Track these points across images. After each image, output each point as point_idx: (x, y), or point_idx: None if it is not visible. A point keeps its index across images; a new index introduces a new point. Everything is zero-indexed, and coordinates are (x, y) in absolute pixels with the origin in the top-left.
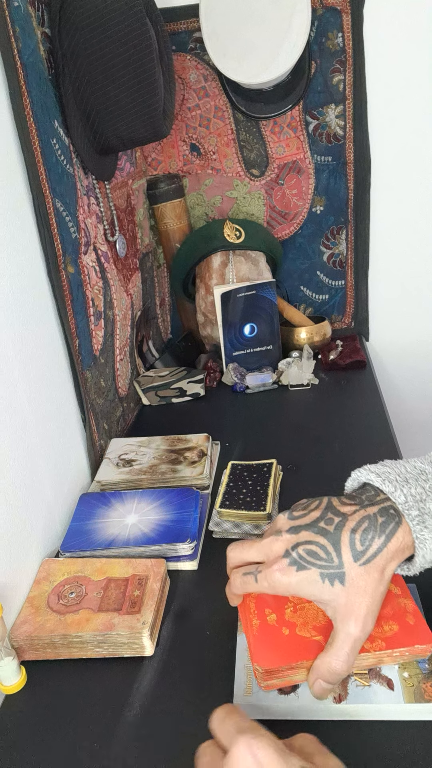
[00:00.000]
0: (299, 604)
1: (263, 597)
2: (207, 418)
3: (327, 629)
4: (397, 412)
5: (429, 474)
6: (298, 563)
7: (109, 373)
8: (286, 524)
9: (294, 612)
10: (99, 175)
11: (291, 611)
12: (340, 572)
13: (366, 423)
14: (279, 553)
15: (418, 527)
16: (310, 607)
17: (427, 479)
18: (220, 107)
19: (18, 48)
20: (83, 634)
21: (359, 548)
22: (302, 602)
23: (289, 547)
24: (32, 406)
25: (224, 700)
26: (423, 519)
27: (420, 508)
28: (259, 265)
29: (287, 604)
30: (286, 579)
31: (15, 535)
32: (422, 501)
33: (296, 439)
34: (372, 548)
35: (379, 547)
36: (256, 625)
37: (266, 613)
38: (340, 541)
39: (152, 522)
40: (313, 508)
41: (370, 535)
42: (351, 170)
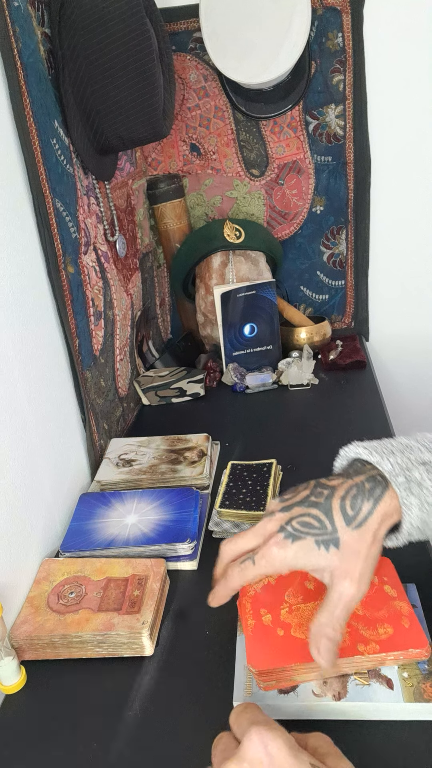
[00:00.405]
0: (295, 605)
1: (259, 597)
2: (207, 418)
3: None
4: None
5: (414, 448)
6: (293, 535)
7: (109, 373)
8: (277, 506)
9: (289, 613)
10: (99, 175)
11: (286, 612)
12: (334, 537)
13: (366, 423)
14: (274, 530)
15: (405, 493)
16: (305, 608)
17: (413, 452)
18: (220, 107)
19: (18, 48)
20: (83, 634)
21: (350, 513)
22: (298, 603)
23: (283, 523)
24: (32, 406)
25: (224, 700)
26: (409, 486)
27: (406, 475)
28: (259, 265)
29: (283, 604)
30: (283, 552)
31: (15, 535)
32: (408, 470)
33: (296, 439)
34: (362, 512)
35: (369, 510)
36: (251, 625)
37: (261, 613)
38: (332, 508)
39: (152, 522)
40: (301, 489)
41: (359, 500)
42: (351, 170)
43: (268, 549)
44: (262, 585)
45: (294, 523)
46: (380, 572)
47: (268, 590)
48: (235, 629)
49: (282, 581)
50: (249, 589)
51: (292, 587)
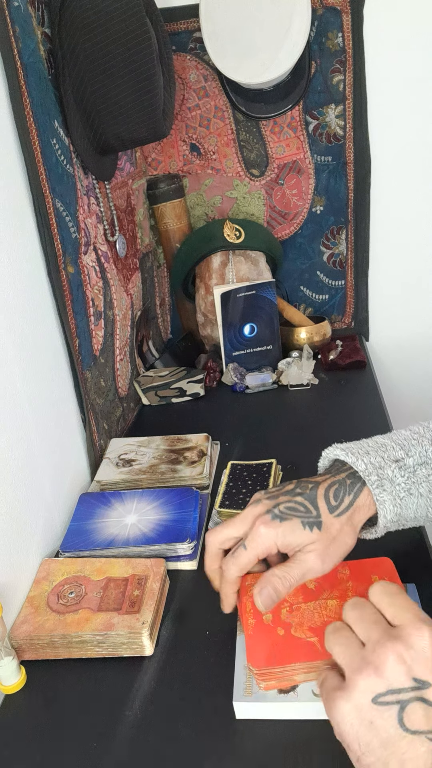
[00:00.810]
0: (295, 605)
1: None
2: (207, 418)
3: (322, 630)
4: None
5: (388, 446)
6: (280, 516)
7: (109, 373)
8: (263, 495)
9: (290, 612)
10: (99, 175)
11: (287, 611)
12: (318, 520)
13: (366, 423)
14: (261, 512)
15: (377, 490)
16: (306, 608)
17: (386, 450)
18: (220, 107)
19: (18, 48)
20: (83, 634)
21: (333, 503)
22: (299, 602)
23: (270, 507)
24: (32, 406)
25: (224, 700)
26: (381, 483)
27: (378, 473)
28: (259, 265)
29: (283, 604)
30: (272, 531)
31: (15, 535)
32: (381, 468)
33: (296, 439)
34: (344, 503)
35: (350, 501)
36: (251, 624)
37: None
38: (316, 497)
39: (152, 522)
40: (286, 484)
41: (341, 493)
42: (351, 170)
43: (256, 529)
44: None
45: (281, 507)
46: (380, 573)
47: None
48: (235, 629)
49: None
50: (250, 588)
51: None
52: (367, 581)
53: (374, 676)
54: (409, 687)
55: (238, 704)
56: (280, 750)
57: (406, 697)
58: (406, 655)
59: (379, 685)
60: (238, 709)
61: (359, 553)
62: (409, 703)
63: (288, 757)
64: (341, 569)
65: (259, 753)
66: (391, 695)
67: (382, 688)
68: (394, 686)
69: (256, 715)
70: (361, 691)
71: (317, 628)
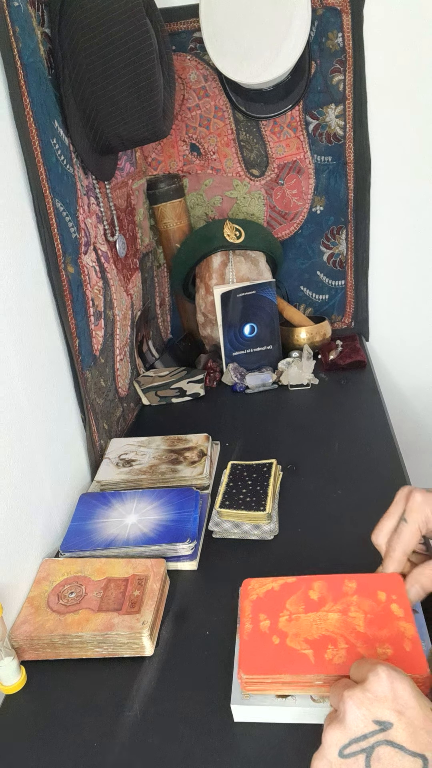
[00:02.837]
0: (295, 614)
1: (261, 601)
2: (207, 418)
3: (318, 643)
4: (397, 412)
5: None
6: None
7: (109, 373)
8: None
9: (288, 621)
10: (99, 175)
11: (285, 620)
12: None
13: (366, 423)
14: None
15: None
16: (305, 618)
17: None
18: (220, 107)
19: (18, 48)
20: (83, 634)
21: None
22: (299, 612)
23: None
24: (32, 406)
25: (224, 700)
26: None
27: None
28: (259, 265)
29: (283, 612)
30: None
31: (15, 535)
32: None
33: (296, 439)
34: None
35: None
36: (248, 629)
37: (260, 618)
38: None
39: (152, 522)
40: None
41: None
42: (351, 170)
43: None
44: (266, 590)
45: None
46: (389, 589)
47: (270, 596)
48: (235, 629)
49: (286, 588)
50: (252, 592)
51: (295, 595)
52: (373, 596)
53: (338, 729)
54: (370, 732)
55: (236, 707)
56: (278, 752)
57: (369, 743)
58: (363, 699)
59: (342, 737)
60: (235, 712)
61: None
62: (374, 750)
63: (285, 759)
64: (348, 582)
65: (258, 754)
66: (354, 745)
67: (345, 739)
68: (356, 734)
69: (254, 719)
70: (329, 746)
71: (313, 640)
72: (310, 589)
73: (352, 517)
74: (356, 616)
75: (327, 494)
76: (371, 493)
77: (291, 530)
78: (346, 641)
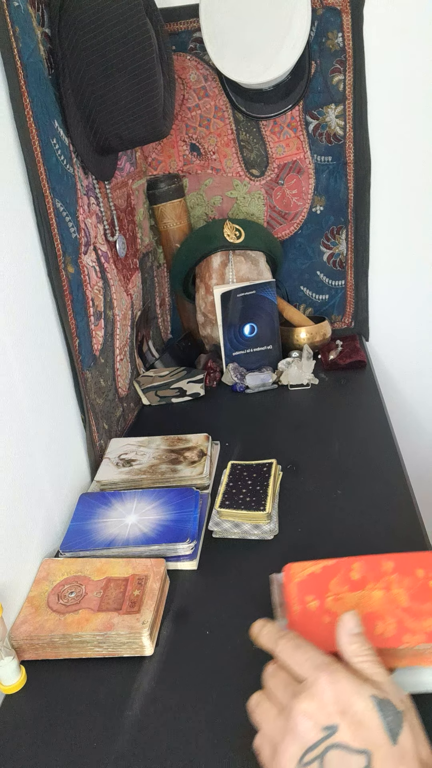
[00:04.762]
0: (341, 594)
1: (305, 584)
2: (207, 418)
3: (367, 620)
4: (397, 412)
5: None
6: None
7: (109, 373)
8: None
9: (335, 601)
10: (99, 175)
11: (332, 600)
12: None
13: (366, 423)
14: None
15: None
16: (351, 597)
17: None
18: (220, 107)
19: (18, 48)
20: (83, 634)
21: None
22: (344, 592)
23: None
24: (32, 406)
25: (224, 700)
26: None
27: None
28: (259, 265)
29: (328, 593)
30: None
31: (15, 534)
32: None
33: (296, 439)
34: None
35: None
36: (296, 611)
37: (307, 600)
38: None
39: (152, 522)
40: None
41: None
42: (351, 170)
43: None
44: (309, 573)
45: None
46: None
47: (313, 578)
48: (235, 629)
49: (327, 571)
50: (295, 576)
51: (337, 577)
52: (412, 574)
53: (292, 742)
54: (320, 739)
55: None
56: None
57: (321, 750)
58: (309, 709)
59: (298, 748)
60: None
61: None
62: (325, 755)
63: None
64: (385, 561)
65: None
66: (309, 754)
67: (300, 749)
68: (309, 744)
69: None
70: (288, 759)
71: (362, 617)
72: (350, 570)
73: (352, 517)
74: (399, 593)
75: (327, 494)
76: (371, 493)
77: (291, 530)
78: (394, 616)
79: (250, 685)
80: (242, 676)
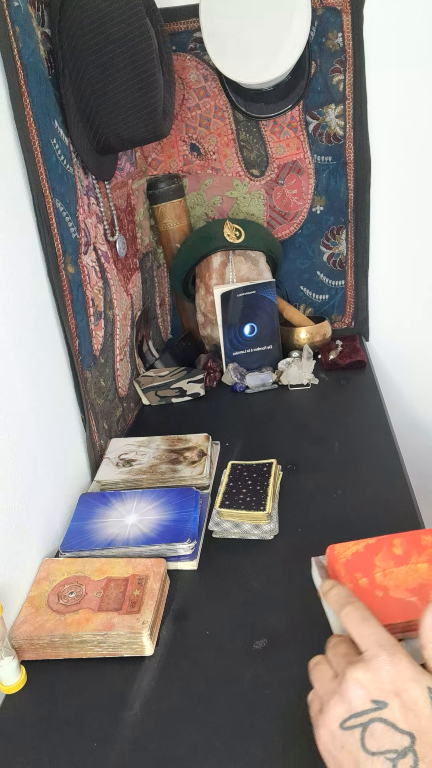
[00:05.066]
0: (387, 569)
1: (351, 563)
2: (207, 418)
3: (419, 590)
4: (397, 412)
5: None
6: None
7: (109, 373)
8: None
9: (384, 576)
10: (99, 175)
11: (381, 575)
12: None
13: (366, 423)
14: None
15: None
16: (399, 572)
17: None
18: (220, 107)
19: (18, 48)
20: (83, 634)
21: None
22: (390, 567)
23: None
24: (32, 406)
25: (224, 700)
26: None
27: None
28: (259, 265)
29: (375, 569)
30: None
31: (15, 535)
32: None
33: (296, 439)
34: None
35: None
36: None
37: (357, 577)
38: None
39: (152, 522)
40: None
41: None
42: (351, 170)
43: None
44: (353, 552)
45: None
46: None
47: (358, 557)
48: (234, 629)
49: (370, 548)
50: (340, 556)
51: (381, 553)
52: None
53: (340, 704)
54: (368, 709)
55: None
56: (276, 748)
57: (366, 719)
58: (364, 680)
59: (344, 710)
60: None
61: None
62: (369, 725)
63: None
64: (424, 536)
65: (257, 753)
66: (354, 719)
67: (346, 713)
68: (356, 710)
69: None
70: (332, 717)
71: (414, 589)
72: (392, 546)
73: (352, 516)
74: None
75: (327, 494)
76: (371, 493)
77: (291, 530)
78: None
79: (251, 685)
80: (242, 676)
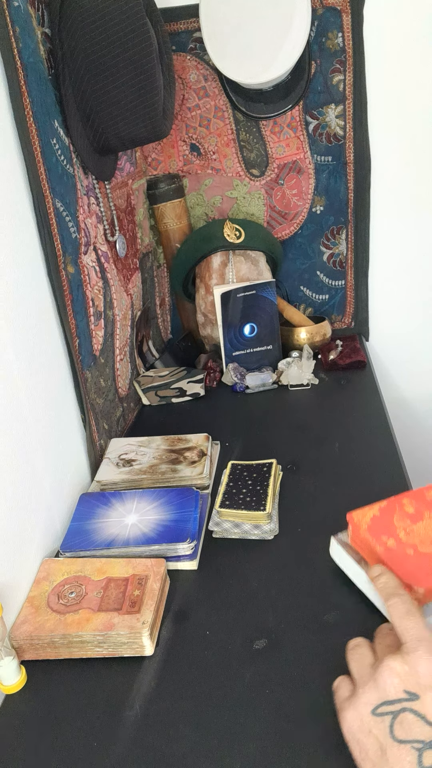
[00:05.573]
0: (408, 528)
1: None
2: (207, 418)
3: None
4: (397, 412)
5: None
6: None
7: (109, 373)
8: None
9: (407, 534)
10: (99, 175)
11: (404, 534)
12: None
13: (366, 423)
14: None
15: None
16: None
17: None
18: (220, 107)
19: (18, 48)
20: (83, 634)
21: None
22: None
23: None
24: (32, 406)
25: (224, 700)
26: None
27: None
28: (259, 265)
29: (397, 529)
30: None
31: (15, 535)
32: None
33: (296, 439)
34: None
35: None
36: (380, 552)
37: (384, 540)
38: None
39: (152, 522)
40: None
41: None
42: (351, 170)
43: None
44: (371, 517)
45: None
46: None
47: (377, 521)
48: (234, 629)
49: (385, 511)
50: (361, 522)
51: (396, 513)
52: None
53: (373, 690)
54: (400, 698)
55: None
56: (276, 748)
57: (397, 708)
58: (400, 670)
59: (376, 697)
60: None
61: None
62: (399, 714)
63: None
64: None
65: (256, 753)
66: (385, 706)
67: (378, 700)
68: (389, 698)
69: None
70: (363, 702)
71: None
72: (403, 505)
73: None
74: None
75: (327, 494)
76: (371, 493)
77: (291, 530)
78: None
79: (251, 685)
80: (242, 676)
